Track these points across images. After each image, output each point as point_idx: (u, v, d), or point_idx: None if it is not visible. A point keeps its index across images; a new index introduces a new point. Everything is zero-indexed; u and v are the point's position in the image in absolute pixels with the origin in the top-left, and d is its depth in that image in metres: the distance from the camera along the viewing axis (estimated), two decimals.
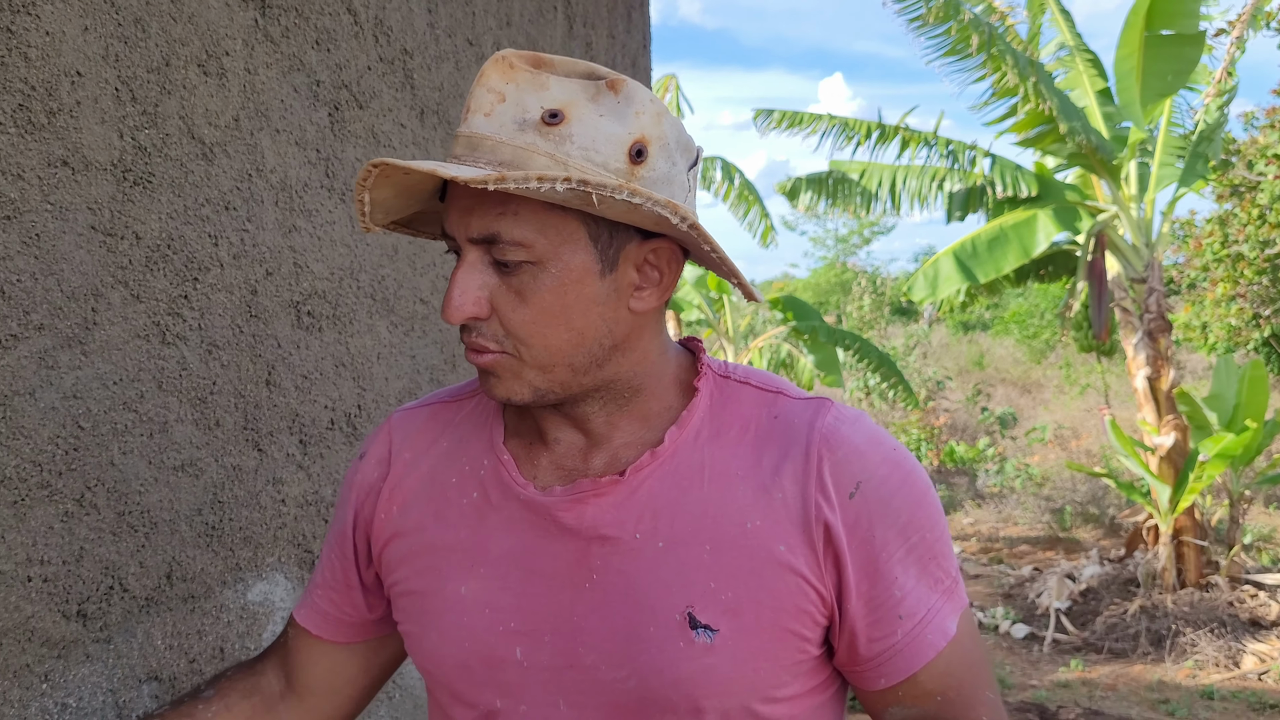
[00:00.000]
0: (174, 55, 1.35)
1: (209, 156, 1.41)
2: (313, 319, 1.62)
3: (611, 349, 1.05)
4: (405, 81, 1.84)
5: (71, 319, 1.22)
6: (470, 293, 1.00)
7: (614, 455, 1.10)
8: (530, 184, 0.91)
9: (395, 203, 1.06)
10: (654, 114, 1.02)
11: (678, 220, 0.98)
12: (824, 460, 1.05)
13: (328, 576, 1.24)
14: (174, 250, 1.36)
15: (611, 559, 1.06)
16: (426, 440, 1.20)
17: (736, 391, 1.13)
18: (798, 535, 1.04)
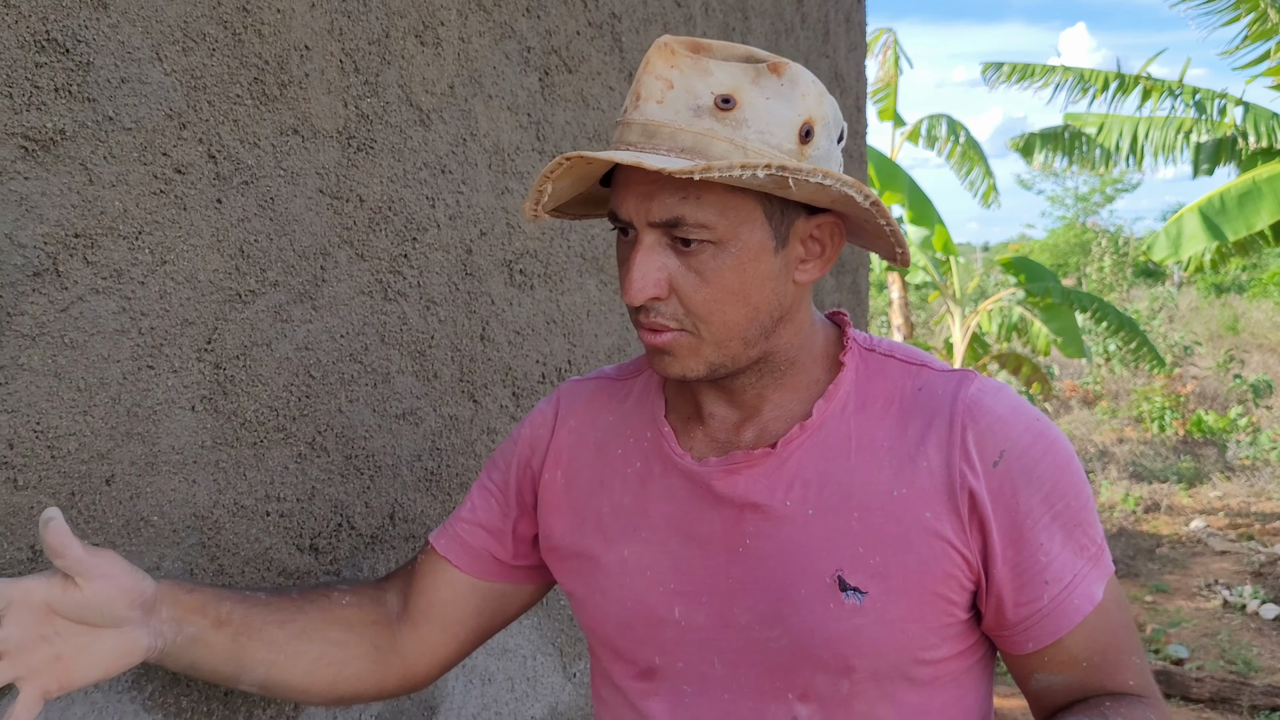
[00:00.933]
0: (393, 27, 1.43)
1: (426, 123, 1.49)
2: (524, 277, 1.69)
3: (778, 321, 1.09)
4: (613, 45, 1.89)
5: (303, 276, 1.32)
6: (651, 275, 1.03)
7: (764, 428, 1.14)
8: (734, 172, 0.95)
9: (566, 190, 1.09)
10: (816, 95, 1.04)
11: (862, 198, 1.02)
12: (968, 430, 1.08)
13: (479, 515, 1.27)
14: (394, 212, 1.45)
15: (763, 525, 1.11)
16: (592, 413, 1.26)
17: (881, 365, 1.16)
18: (943, 503, 1.08)
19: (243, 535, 1.25)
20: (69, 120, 1.05)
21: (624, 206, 1.04)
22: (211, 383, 1.22)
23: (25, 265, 1.02)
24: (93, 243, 1.08)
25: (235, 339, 1.24)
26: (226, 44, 1.21)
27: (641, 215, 1.03)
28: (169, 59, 1.15)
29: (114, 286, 1.10)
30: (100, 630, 1.05)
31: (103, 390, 1.10)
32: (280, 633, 1.17)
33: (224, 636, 1.13)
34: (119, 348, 1.11)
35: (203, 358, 1.20)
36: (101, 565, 1.03)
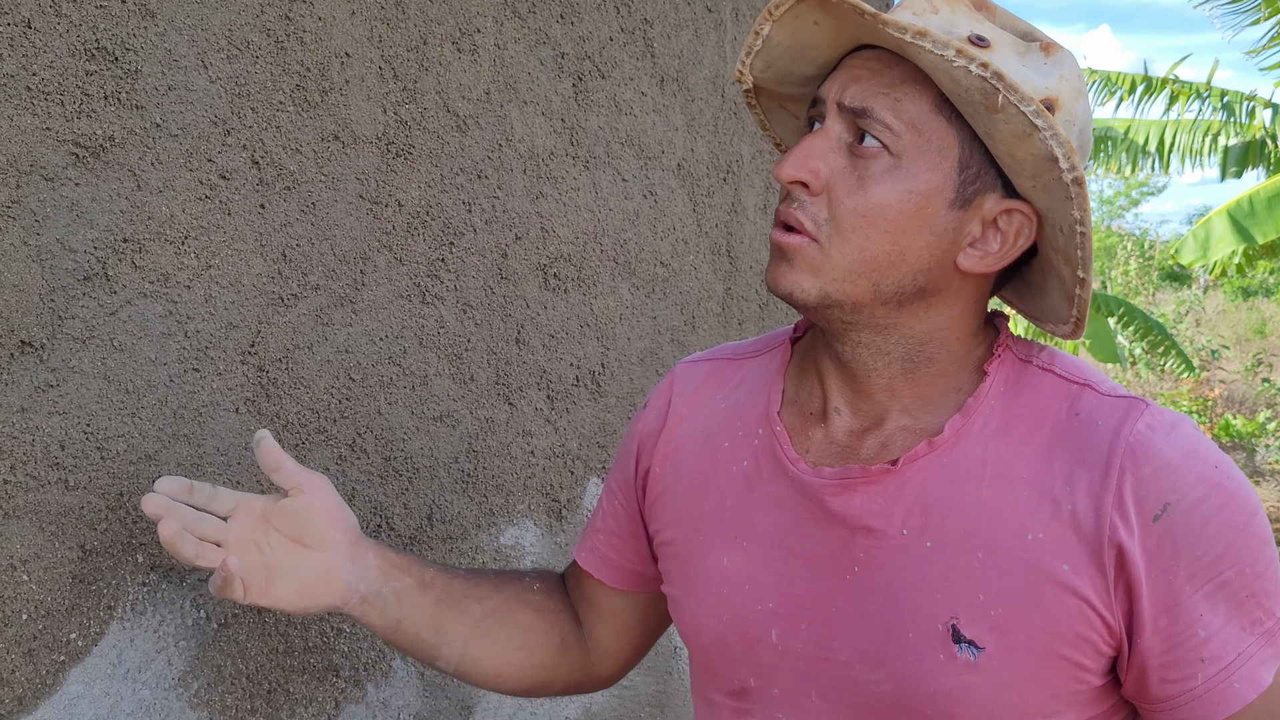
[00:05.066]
0: (430, 34, 1.45)
1: (463, 128, 1.51)
2: (559, 281, 1.71)
3: (919, 293, 0.97)
4: (646, 50, 1.90)
5: (343, 280, 1.34)
6: (814, 158, 0.95)
7: (888, 439, 1.01)
8: (948, 52, 0.87)
9: (781, 61, 1.01)
10: (1076, 88, 0.96)
11: (1066, 167, 0.90)
12: (1126, 474, 0.93)
13: (610, 523, 1.22)
14: (432, 217, 1.46)
15: (875, 553, 0.99)
16: (704, 396, 1.16)
17: (1035, 380, 1.01)
18: (1085, 556, 0.93)
19: None
20: (118, 127, 1.07)
21: (827, 86, 0.97)
22: (255, 385, 1.23)
23: (76, 270, 1.04)
24: (140, 247, 1.10)
25: (278, 342, 1.26)
26: (269, 51, 1.23)
27: (838, 92, 0.95)
28: (214, 66, 1.16)
29: (161, 290, 1.12)
30: (306, 551, 1.08)
31: (150, 393, 1.12)
32: (477, 608, 1.17)
33: (427, 600, 1.14)
34: (166, 350, 1.13)
35: (246, 360, 1.22)
36: (313, 482, 1.08)
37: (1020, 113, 0.88)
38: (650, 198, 1.93)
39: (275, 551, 1.07)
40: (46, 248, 1.01)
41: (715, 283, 2.14)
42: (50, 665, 1.03)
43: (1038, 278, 1.05)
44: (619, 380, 1.86)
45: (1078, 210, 0.92)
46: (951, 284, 0.99)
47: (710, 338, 2.11)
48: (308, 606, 1.08)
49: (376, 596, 1.12)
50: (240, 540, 1.05)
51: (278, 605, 1.07)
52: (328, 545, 1.09)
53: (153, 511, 1.01)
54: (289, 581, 1.07)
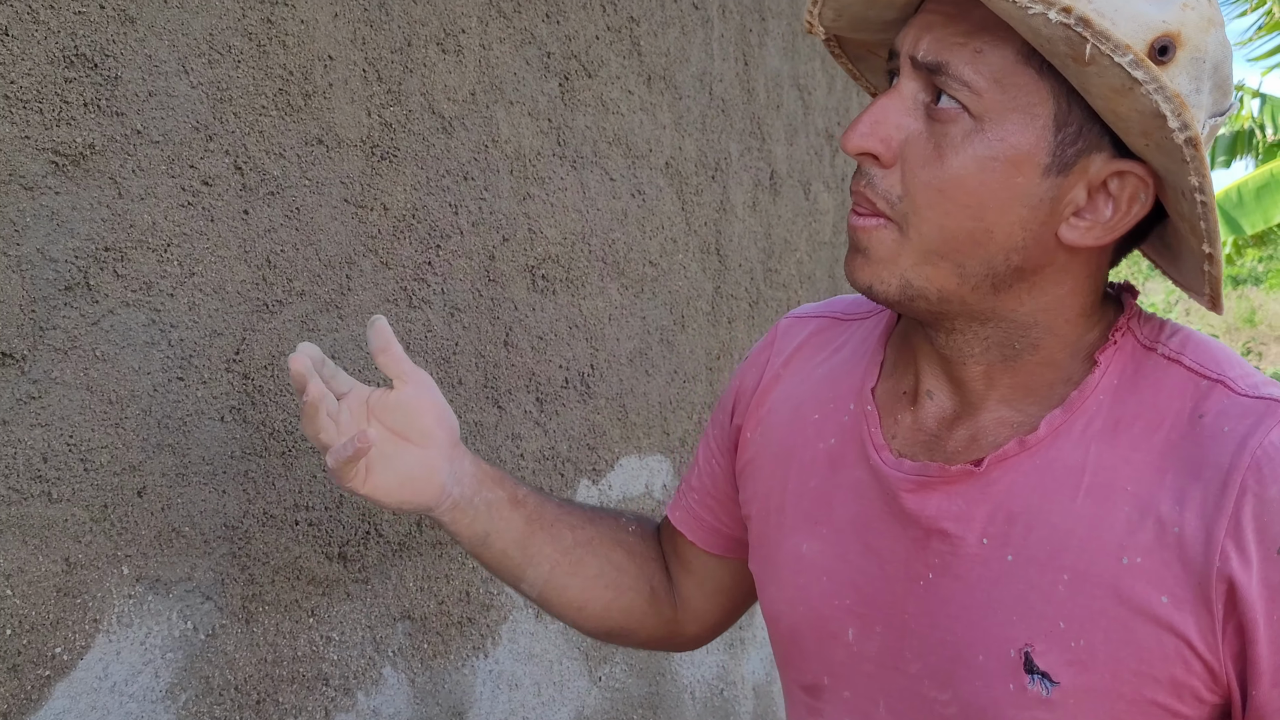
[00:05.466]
0: (415, 36, 1.43)
1: (448, 130, 1.49)
2: (547, 282, 1.70)
3: (1015, 273, 0.84)
4: (632, 49, 1.89)
5: (329, 285, 1.32)
6: (884, 125, 0.83)
7: (978, 432, 0.90)
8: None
9: (852, 6, 0.89)
10: (1205, 17, 0.79)
11: (1177, 125, 0.75)
12: (1248, 494, 0.78)
13: (705, 481, 1.15)
14: (418, 220, 1.45)
15: (950, 560, 0.88)
16: (804, 358, 1.06)
17: (1159, 371, 0.86)
18: (1189, 587, 0.79)
19: (272, 544, 1.26)
20: (98, 134, 1.05)
21: (901, 36, 0.84)
22: (240, 393, 1.22)
23: (57, 280, 1.03)
24: (123, 256, 1.09)
25: (263, 349, 1.24)
26: (251, 56, 1.21)
27: (911, 45, 0.83)
28: (195, 71, 1.15)
29: (144, 299, 1.11)
30: (407, 444, 1.04)
31: (134, 402, 1.10)
32: (570, 535, 1.13)
33: (519, 517, 1.10)
34: (149, 360, 1.12)
35: (231, 368, 1.21)
36: (418, 376, 1.04)
37: (1115, 64, 0.74)
38: (638, 197, 1.91)
39: (378, 442, 1.02)
40: (27, 258, 1.00)
41: (705, 281, 2.13)
42: (35, 680, 1.02)
43: (1173, 240, 0.89)
44: (608, 381, 1.85)
45: (1195, 176, 0.78)
46: (1056, 260, 0.85)
47: (700, 337, 2.11)
48: (402, 501, 1.04)
49: (468, 504, 1.07)
50: (348, 426, 1.01)
51: (374, 496, 1.03)
52: (429, 441, 1.04)
53: (299, 369, 0.98)
54: (389, 473, 1.03)
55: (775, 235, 2.39)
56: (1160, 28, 0.77)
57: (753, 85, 2.29)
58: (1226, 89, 0.84)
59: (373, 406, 1.03)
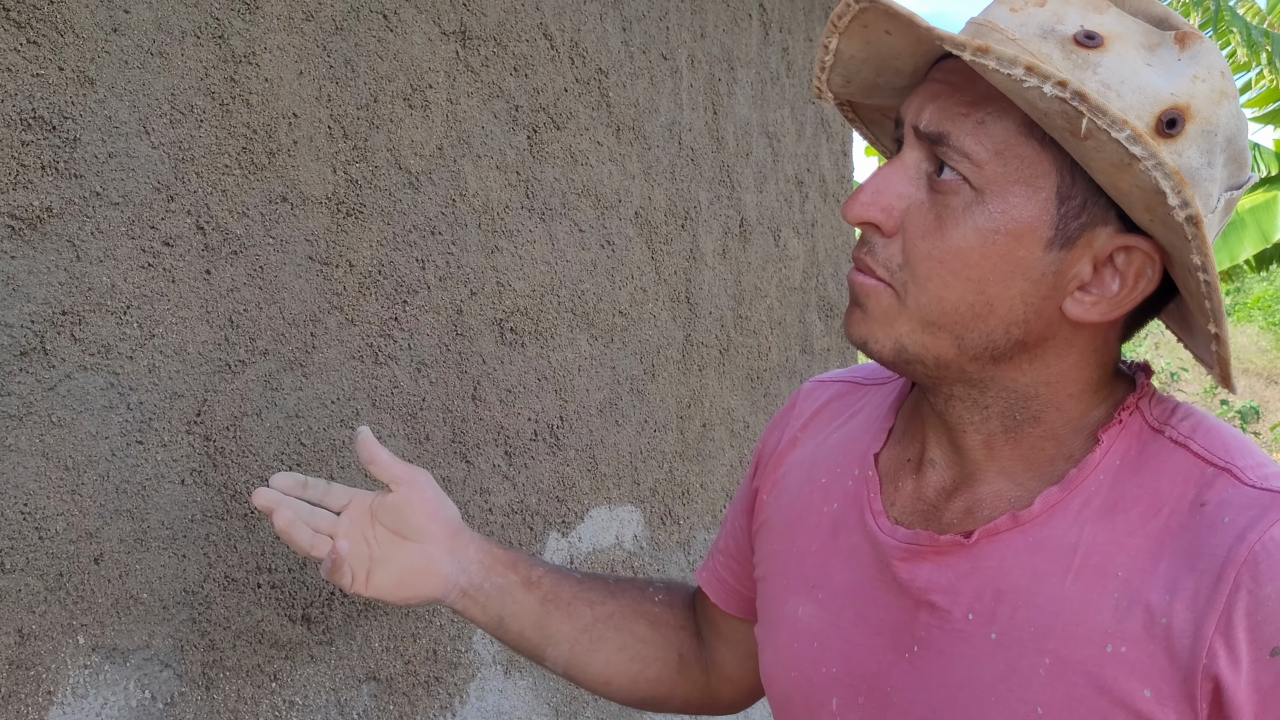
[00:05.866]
0: (381, 92, 1.43)
1: (415, 185, 1.49)
2: (515, 335, 1.69)
3: (1017, 346, 0.83)
4: (601, 100, 1.89)
5: (293, 344, 1.31)
6: (886, 195, 0.82)
7: (975, 504, 0.88)
8: (1015, 70, 0.72)
9: (861, 73, 0.88)
10: (1216, 89, 0.78)
11: (1177, 203, 0.73)
12: (1241, 590, 0.75)
13: (730, 544, 1.15)
14: (384, 275, 1.44)
15: (936, 635, 0.86)
16: (822, 422, 1.06)
17: (1164, 454, 0.83)
18: (1174, 684, 0.76)
19: (234, 609, 1.24)
20: (56, 197, 1.04)
21: (907, 104, 0.84)
22: (201, 455, 1.20)
23: (12, 345, 1.01)
24: (80, 319, 1.07)
25: (225, 410, 1.23)
26: (214, 114, 1.20)
27: (914, 116, 0.82)
28: (156, 131, 1.14)
29: (102, 363, 1.09)
30: (406, 543, 1.10)
31: (91, 468, 1.08)
32: (589, 612, 1.15)
33: (533, 599, 1.13)
34: (107, 424, 1.10)
35: (192, 430, 1.19)
36: (411, 475, 1.11)
37: (1112, 139, 0.72)
38: (608, 247, 1.91)
39: (379, 544, 1.09)
40: None
41: (675, 330, 2.12)
42: None
43: (1186, 313, 0.88)
44: (578, 433, 1.84)
45: (1197, 255, 0.76)
46: (1059, 333, 0.83)
47: (670, 386, 2.10)
48: (407, 597, 1.10)
49: (478, 590, 1.12)
50: (350, 533, 1.08)
51: (378, 595, 1.09)
52: (425, 536, 1.10)
53: (263, 504, 1.06)
54: (388, 572, 1.09)
55: (745, 282, 2.39)
56: (1168, 100, 0.76)
57: (722, 134, 2.30)
58: (1242, 161, 0.82)
59: (375, 511, 1.10)
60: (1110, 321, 0.84)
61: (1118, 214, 0.80)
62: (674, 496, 2.13)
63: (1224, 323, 0.78)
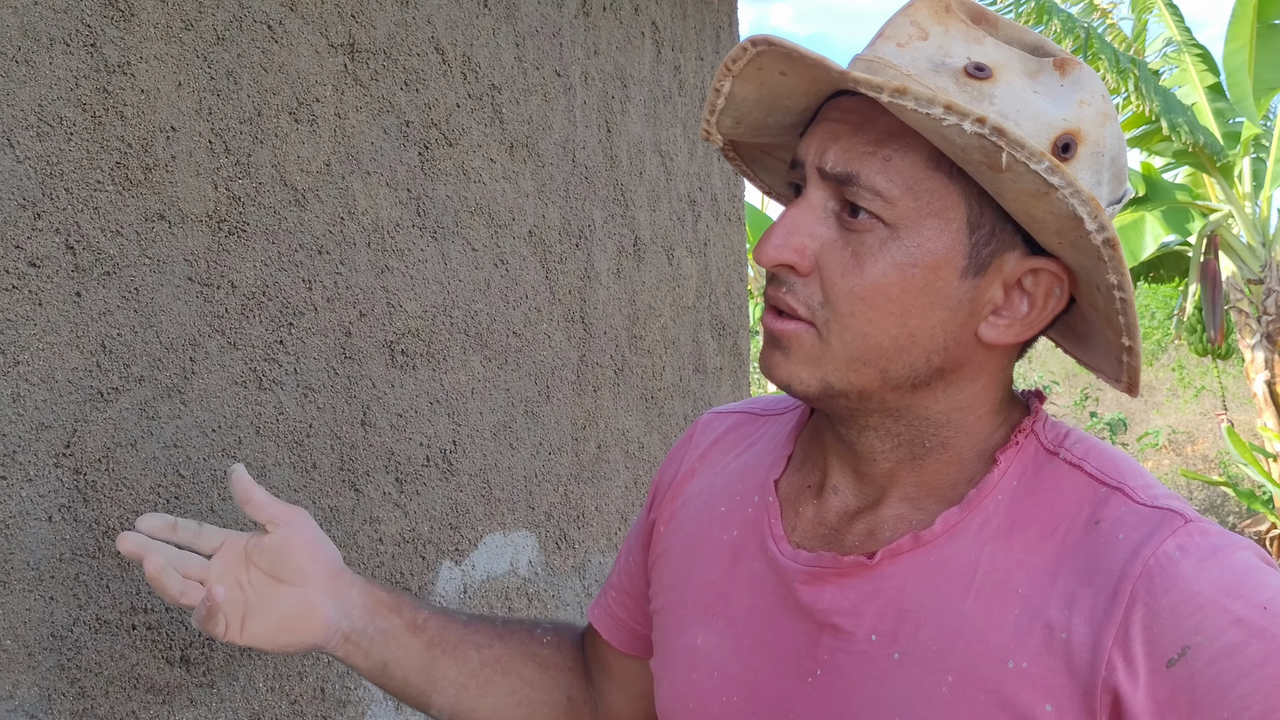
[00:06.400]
0: (265, 105, 1.37)
1: (301, 203, 1.43)
2: (406, 357, 1.63)
3: (937, 373, 0.84)
4: (494, 116, 1.85)
5: (170, 370, 1.24)
6: (798, 235, 0.82)
7: (877, 527, 0.89)
8: (935, 110, 0.73)
9: (752, 114, 0.88)
10: (1100, 112, 0.81)
11: (1094, 228, 0.76)
12: (1138, 604, 0.76)
13: (624, 580, 1.13)
14: (269, 297, 1.38)
15: (839, 657, 0.86)
16: (719, 452, 1.06)
17: (1059, 476, 0.85)
18: (1074, 697, 0.77)
19: (106, 653, 1.16)
20: None
21: (805, 145, 0.84)
22: (71, 489, 1.13)
23: None
24: None
25: (97, 441, 1.15)
26: (86, 127, 1.13)
27: (817, 157, 0.82)
28: (22, 145, 1.07)
29: None
30: (285, 586, 1.04)
31: None
32: (475, 656, 1.11)
33: (418, 643, 1.08)
34: None
35: (60, 463, 1.12)
36: (289, 515, 1.05)
37: (1030, 170, 0.75)
38: (501, 266, 1.87)
39: (255, 588, 1.03)
40: None
41: (569, 350, 2.09)
42: None
43: (1080, 326, 0.90)
44: (471, 458, 1.79)
45: (1113, 275, 0.78)
46: (974, 358, 0.85)
47: (565, 407, 2.06)
48: (286, 644, 1.05)
49: (360, 635, 1.06)
50: (223, 577, 1.02)
51: (254, 643, 1.03)
52: (305, 579, 1.04)
53: (130, 550, 0.98)
54: (266, 619, 1.03)
55: (640, 301, 2.37)
56: (1061, 125, 0.79)
57: (615, 152, 2.28)
58: (1122, 177, 0.86)
59: (249, 552, 1.04)
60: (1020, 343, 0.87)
61: (1024, 238, 0.83)
62: (569, 520, 2.09)
63: (1138, 335, 0.82)
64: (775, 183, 1.00)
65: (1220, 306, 8.83)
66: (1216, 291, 8.84)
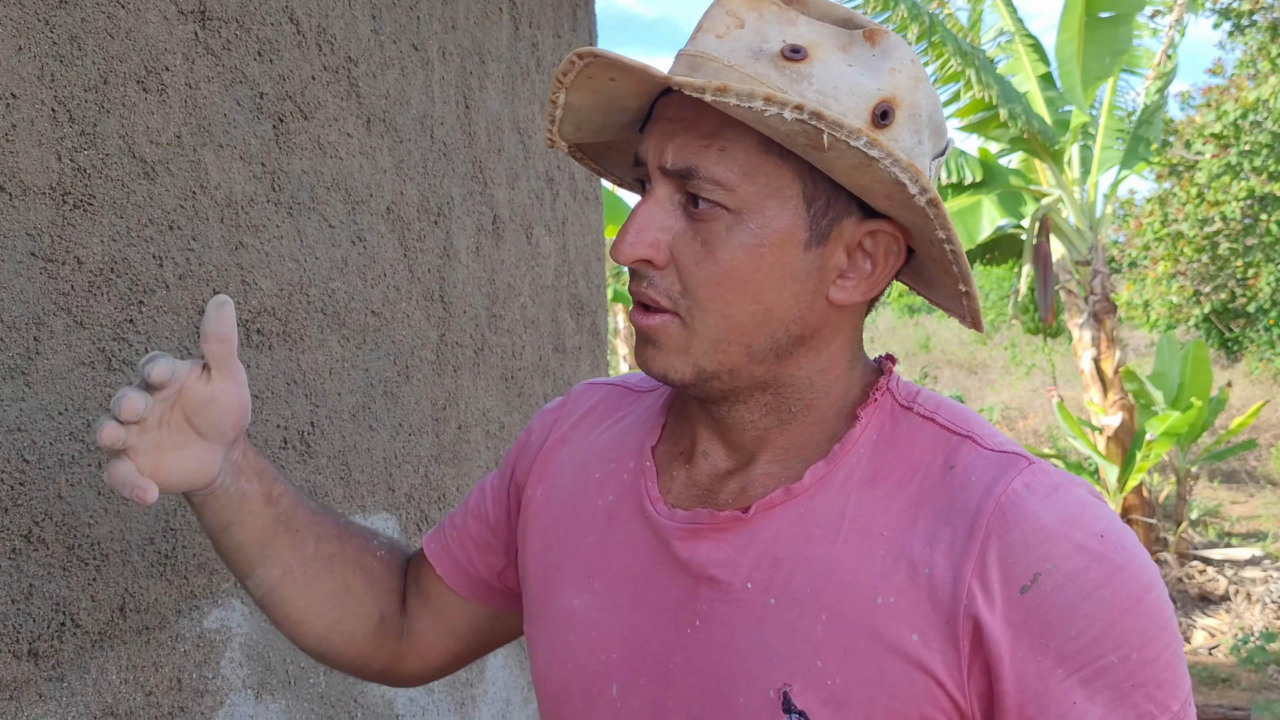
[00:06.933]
0: (112, 73, 1.31)
1: (151, 175, 1.37)
2: (263, 337, 1.59)
3: (797, 340, 0.90)
4: (350, 90, 1.81)
5: (12, 350, 1.18)
6: (650, 232, 0.87)
7: (748, 484, 0.94)
8: (755, 103, 0.79)
9: (591, 118, 0.94)
10: (912, 76, 0.87)
11: (916, 191, 0.82)
12: (993, 538, 0.83)
13: (469, 524, 1.16)
14: (117, 274, 1.32)
15: (718, 606, 0.91)
16: (591, 423, 1.10)
17: (914, 428, 0.92)
18: (938, 626, 0.83)
19: None
20: None
21: (645, 145, 0.89)
22: None
23: None
24: None
25: None
26: None
27: (657, 156, 0.87)
28: None
29: None
30: (199, 440, 1.01)
31: None
32: (313, 546, 1.11)
33: (267, 514, 1.08)
34: None
35: None
36: (238, 372, 1.01)
37: (852, 147, 0.81)
38: (359, 244, 1.83)
39: (173, 433, 0.99)
40: None
41: (429, 330, 2.06)
42: None
43: (925, 272, 0.97)
44: (330, 439, 1.75)
45: (941, 230, 0.85)
46: (829, 320, 0.91)
47: (425, 388, 2.04)
48: (174, 489, 1.02)
49: (223, 491, 1.05)
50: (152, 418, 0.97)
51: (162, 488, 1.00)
52: (219, 438, 1.02)
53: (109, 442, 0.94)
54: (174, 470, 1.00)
55: (499, 281, 2.35)
56: (877, 95, 0.85)
57: (474, 129, 2.25)
58: (942, 132, 0.92)
59: (185, 391, 0.98)
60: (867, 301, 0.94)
61: (858, 204, 0.89)
62: (430, 502, 2.07)
63: (971, 280, 0.89)
64: (625, 174, 1.04)
65: (1051, 287, 9.25)
66: (1048, 273, 9.24)
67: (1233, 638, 7.40)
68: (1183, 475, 9.46)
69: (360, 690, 1.80)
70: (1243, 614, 7.91)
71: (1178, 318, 14.81)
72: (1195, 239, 13.61)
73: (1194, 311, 14.63)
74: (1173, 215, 13.95)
